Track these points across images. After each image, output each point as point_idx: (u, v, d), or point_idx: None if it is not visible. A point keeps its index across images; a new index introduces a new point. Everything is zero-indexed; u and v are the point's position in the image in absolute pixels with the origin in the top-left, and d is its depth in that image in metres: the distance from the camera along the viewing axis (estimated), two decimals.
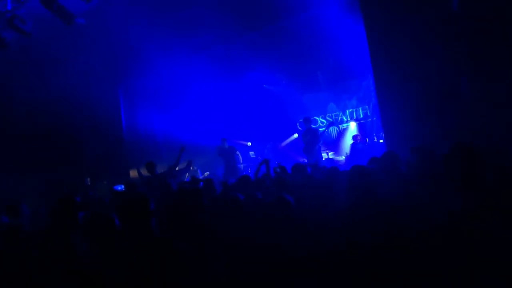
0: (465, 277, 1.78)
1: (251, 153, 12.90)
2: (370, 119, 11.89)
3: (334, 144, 12.11)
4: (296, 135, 12.83)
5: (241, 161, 10.84)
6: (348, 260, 2.15)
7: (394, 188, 2.77)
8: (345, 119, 12.53)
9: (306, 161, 9.10)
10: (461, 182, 2.04)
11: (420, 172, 2.95)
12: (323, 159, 10.20)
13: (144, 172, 7.61)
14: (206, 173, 12.03)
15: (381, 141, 10.08)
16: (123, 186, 8.07)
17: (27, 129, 10.92)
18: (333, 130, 12.67)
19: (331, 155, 11.28)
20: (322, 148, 10.03)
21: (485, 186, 1.96)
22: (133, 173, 11.76)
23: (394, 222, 2.28)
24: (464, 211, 1.95)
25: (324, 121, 12.72)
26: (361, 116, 12.23)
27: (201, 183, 5.49)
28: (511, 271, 1.66)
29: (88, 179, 10.75)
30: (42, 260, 2.38)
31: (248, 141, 13.50)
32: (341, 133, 12.37)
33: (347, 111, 12.55)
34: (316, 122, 12.40)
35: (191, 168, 10.15)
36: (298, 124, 13.16)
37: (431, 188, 2.59)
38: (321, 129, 10.38)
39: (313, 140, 9.07)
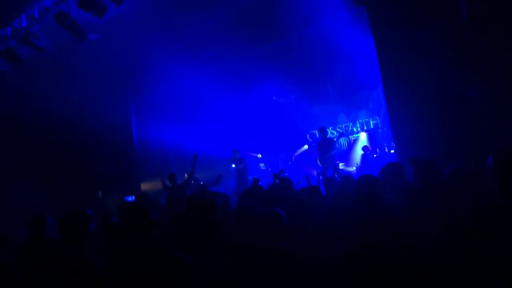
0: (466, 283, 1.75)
1: (262, 165, 12.89)
2: (380, 130, 11.82)
3: (345, 155, 12.05)
4: (306, 147, 12.79)
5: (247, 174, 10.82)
6: (351, 267, 2.13)
7: (398, 198, 2.74)
8: (356, 130, 12.48)
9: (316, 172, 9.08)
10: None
11: (420, 183, 2.90)
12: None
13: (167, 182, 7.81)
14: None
15: (392, 151, 9.99)
16: (133, 198, 8.14)
17: (39, 142, 11.08)
18: (344, 141, 12.62)
19: (341, 165, 11.20)
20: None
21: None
22: (144, 186, 11.84)
23: (399, 231, 2.26)
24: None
25: (335, 132, 12.69)
26: (372, 126, 12.18)
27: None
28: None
29: (100, 192, 10.87)
30: (53, 268, 2.40)
31: (258, 153, 13.50)
32: (351, 144, 12.31)
33: (358, 122, 12.51)
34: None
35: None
36: (308, 135, 13.14)
37: (431, 198, 2.57)
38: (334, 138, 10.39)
39: (329, 149, 9.16)
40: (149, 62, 10.63)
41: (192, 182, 7.56)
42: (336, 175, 5.68)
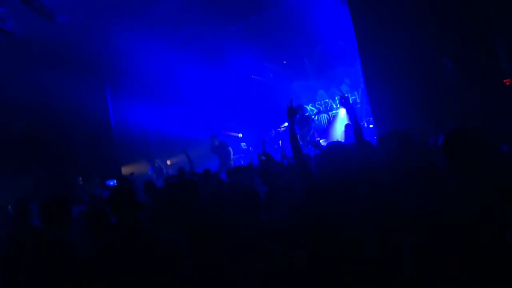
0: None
1: (243, 144, 12.90)
2: (360, 105, 11.94)
3: (325, 131, 12.16)
4: (286, 124, 12.83)
5: (232, 157, 10.81)
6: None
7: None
8: (335, 106, 12.57)
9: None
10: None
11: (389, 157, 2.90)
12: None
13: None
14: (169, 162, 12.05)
15: (371, 126, 10.14)
16: (115, 181, 8.07)
17: (13, 128, 10.78)
18: (323, 118, 12.71)
19: (322, 142, 11.32)
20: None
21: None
22: (125, 170, 11.73)
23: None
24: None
25: (314, 109, 12.76)
26: (351, 101, 12.26)
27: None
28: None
29: (80, 178, 10.71)
30: (39, 256, 2.39)
31: (239, 133, 13.50)
32: (331, 121, 12.42)
33: (337, 97, 12.59)
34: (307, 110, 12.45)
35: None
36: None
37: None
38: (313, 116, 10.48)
39: (307, 127, 9.26)
40: (124, 43, 10.35)
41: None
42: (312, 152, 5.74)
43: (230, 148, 10.54)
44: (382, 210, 2.14)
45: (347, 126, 10.67)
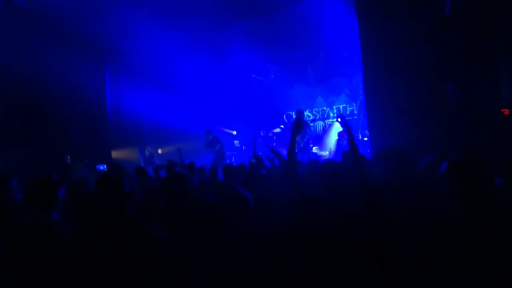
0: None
1: (236, 142, 12.86)
2: (356, 117, 11.98)
3: (319, 139, 12.18)
4: (279, 129, 12.83)
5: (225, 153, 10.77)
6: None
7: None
8: (332, 115, 12.60)
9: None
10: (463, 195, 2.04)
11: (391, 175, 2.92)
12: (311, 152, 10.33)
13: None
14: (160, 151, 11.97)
15: (365, 139, 10.17)
16: (105, 166, 7.97)
17: (6, 103, 10.62)
18: (319, 125, 12.74)
19: (315, 149, 11.34)
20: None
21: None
22: (115, 154, 11.63)
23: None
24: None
25: (311, 115, 12.77)
26: (348, 112, 12.31)
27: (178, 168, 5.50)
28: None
29: (68, 156, 10.57)
30: (22, 236, 2.34)
31: (233, 130, 13.46)
32: (326, 129, 12.44)
33: (334, 107, 12.62)
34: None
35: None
36: (284, 116, 13.17)
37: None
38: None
39: (303, 133, 9.24)
40: (128, 26, 10.25)
41: None
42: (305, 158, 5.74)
43: (222, 144, 10.51)
44: (377, 228, 2.15)
45: (340, 134, 10.70)
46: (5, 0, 7.08)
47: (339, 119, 3.88)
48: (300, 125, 3.20)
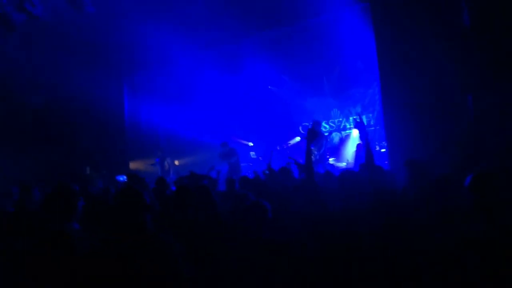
0: None
1: (252, 153, 12.88)
2: (373, 128, 11.87)
3: (336, 150, 12.10)
4: (298, 138, 12.80)
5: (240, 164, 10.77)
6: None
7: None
8: (348, 126, 12.52)
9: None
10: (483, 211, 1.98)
11: (410, 187, 2.89)
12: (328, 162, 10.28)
13: None
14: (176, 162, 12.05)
15: (383, 150, 10.06)
16: (125, 177, 8.05)
17: (28, 111, 10.91)
18: (336, 136, 12.66)
19: (332, 160, 11.26)
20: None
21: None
22: (133, 165, 11.77)
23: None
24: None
25: (327, 126, 12.71)
26: (365, 124, 12.17)
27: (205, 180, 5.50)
28: None
29: (88, 168, 10.76)
30: (41, 245, 2.37)
31: (250, 141, 13.48)
32: (343, 140, 12.36)
33: (351, 118, 12.54)
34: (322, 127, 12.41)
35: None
36: (300, 127, 13.14)
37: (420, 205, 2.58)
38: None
39: (319, 145, 9.21)
40: (146, 40, 10.45)
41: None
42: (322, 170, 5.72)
43: (238, 157, 10.51)
44: (394, 241, 2.11)
45: (358, 146, 10.59)
46: (29, 14, 7.31)
47: (357, 124, 3.85)
48: (314, 133, 3.20)
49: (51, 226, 2.55)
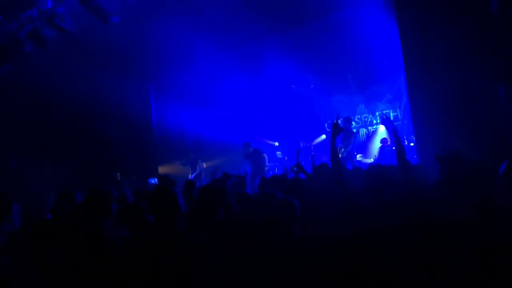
0: None
1: (278, 153, 12.89)
2: (400, 122, 11.65)
3: (363, 146, 11.94)
4: (324, 136, 12.72)
5: (267, 164, 10.78)
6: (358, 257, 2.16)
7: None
8: (375, 122, 12.33)
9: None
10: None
11: (444, 180, 2.81)
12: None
13: None
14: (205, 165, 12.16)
15: (411, 144, 9.86)
16: (156, 179, 8.25)
17: (60, 123, 11.31)
18: (362, 132, 12.50)
19: (359, 157, 11.12)
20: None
21: None
22: (161, 169, 12.00)
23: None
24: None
25: (353, 123, 12.56)
26: (392, 118, 12.00)
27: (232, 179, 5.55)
28: None
29: (118, 174, 11.04)
30: (78, 248, 2.49)
31: (275, 141, 13.49)
32: (370, 136, 12.19)
33: (377, 113, 12.35)
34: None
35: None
36: (326, 125, 13.05)
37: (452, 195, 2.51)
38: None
39: (349, 141, 9.16)
40: (170, 45, 10.66)
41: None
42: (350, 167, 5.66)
43: (264, 155, 10.53)
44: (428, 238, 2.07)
45: (382, 140, 10.43)
46: (59, 29, 7.60)
47: (384, 120, 3.77)
48: (339, 128, 3.17)
49: (90, 228, 2.67)
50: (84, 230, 2.68)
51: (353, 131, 9.71)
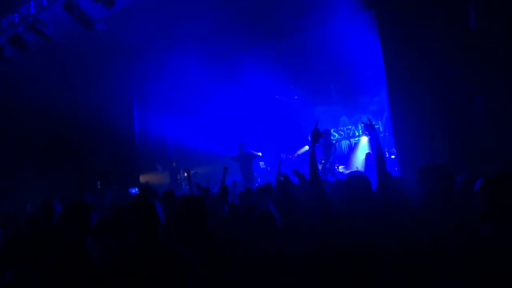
0: None
1: (261, 163, 12.89)
2: (382, 135, 11.82)
3: (345, 158, 12.06)
4: (307, 147, 12.80)
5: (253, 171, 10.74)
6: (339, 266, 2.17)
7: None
8: (357, 133, 12.48)
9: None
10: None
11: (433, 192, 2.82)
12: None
13: None
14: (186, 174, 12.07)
15: (392, 157, 10.00)
16: (137, 189, 8.14)
17: (40, 130, 11.09)
18: (344, 144, 12.62)
19: (341, 168, 11.22)
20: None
21: None
22: (143, 178, 11.85)
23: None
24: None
25: (336, 134, 12.69)
26: (374, 125, 12.14)
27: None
28: None
29: (99, 182, 10.87)
30: (56, 261, 2.42)
31: (259, 151, 13.49)
32: (352, 147, 12.32)
33: (359, 125, 12.51)
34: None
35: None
36: (309, 136, 13.12)
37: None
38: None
39: (329, 152, 9.21)
40: (154, 54, 10.62)
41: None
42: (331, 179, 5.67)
43: (253, 161, 10.49)
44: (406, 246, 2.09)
45: (368, 155, 10.54)
46: (41, 34, 7.48)
47: (367, 126, 3.75)
48: (318, 134, 3.19)
49: (69, 240, 2.61)
50: (64, 242, 2.62)
51: (333, 143, 9.78)
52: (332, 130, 12.56)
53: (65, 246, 2.54)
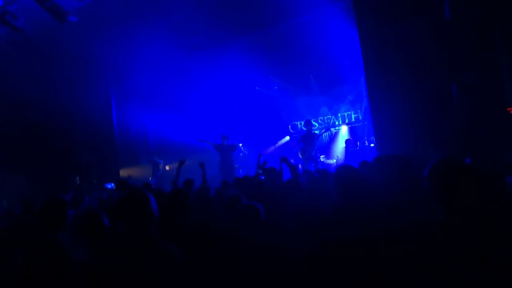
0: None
1: (241, 154, 12.89)
2: (361, 123, 11.97)
3: (326, 147, 12.16)
4: (288, 138, 12.85)
5: (235, 163, 10.73)
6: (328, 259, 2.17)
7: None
8: (337, 123, 12.60)
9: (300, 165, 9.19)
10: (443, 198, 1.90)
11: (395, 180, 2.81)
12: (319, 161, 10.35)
13: None
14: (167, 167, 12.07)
15: (372, 145, 10.15)
16: (113, 185, 8.01)
17: (16, 127, 10.79)
18: (325, 134, 12.73)
19: (322, 158, 11.32)
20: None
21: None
22: (123, 173, 11.70)
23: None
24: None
25: (316, 124, 12.78)
26: (353, 120, 12.31)
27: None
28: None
29: (78, 178, 10.69)
30: (30, 257, 2.37)
31: (239, 143, 13.48)
32: (332, 137, 12.43)
33: (339, 114, 12.62)
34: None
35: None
36: (290, 126, 13.19)
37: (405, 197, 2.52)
38: (316, 132, 10.46)
39: (312, 143, 9.26)
40: (132, 47, 10.43)
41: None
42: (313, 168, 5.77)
43: (233, 153, 10.47)
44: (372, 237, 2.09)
45: (347, 141, 10.67)
46: (13, 28, 7.24)
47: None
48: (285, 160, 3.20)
49: (44, 236, 2.55)
50: (39, 239, 2.56)
51: (316, 133, 9.84)
52: (312, 120, 12.65)
53: (38, 242, 2.48)
